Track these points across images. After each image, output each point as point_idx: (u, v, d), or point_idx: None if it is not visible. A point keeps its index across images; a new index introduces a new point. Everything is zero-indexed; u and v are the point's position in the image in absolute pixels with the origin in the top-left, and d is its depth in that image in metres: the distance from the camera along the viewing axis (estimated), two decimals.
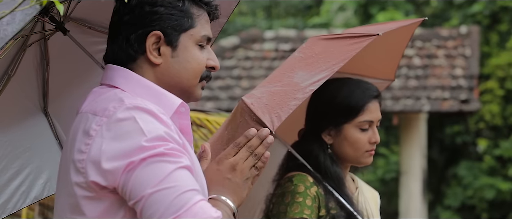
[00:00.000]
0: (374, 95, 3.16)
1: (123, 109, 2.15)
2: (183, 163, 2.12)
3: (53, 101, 3.01)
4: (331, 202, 3.06)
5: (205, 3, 2.35)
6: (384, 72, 3.51)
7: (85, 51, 2.87)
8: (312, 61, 2.99)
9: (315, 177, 3.08)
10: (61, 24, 2.72)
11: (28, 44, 2.78)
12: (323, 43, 3.08)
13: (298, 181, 3.05)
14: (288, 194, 3.04)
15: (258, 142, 2.29)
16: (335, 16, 15.57)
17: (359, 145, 3.13)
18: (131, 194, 2.10)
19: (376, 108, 3.16)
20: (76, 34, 2.84)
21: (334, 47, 3.03)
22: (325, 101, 3.17)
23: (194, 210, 2.06)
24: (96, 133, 2.14)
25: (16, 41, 2.42)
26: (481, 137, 14.32)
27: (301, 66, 2.99)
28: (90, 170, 2.13)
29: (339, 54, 2.98)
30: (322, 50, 3.03)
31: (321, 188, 3.07)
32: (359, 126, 3.13)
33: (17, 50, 2.76)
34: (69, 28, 2.76)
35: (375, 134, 3.16)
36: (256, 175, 2.32)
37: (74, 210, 2.19)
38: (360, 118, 3.13)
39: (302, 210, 3.00)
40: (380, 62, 3.47)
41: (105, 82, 2.31)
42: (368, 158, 3.16)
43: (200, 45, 2.32)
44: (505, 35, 14.33)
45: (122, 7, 2.30)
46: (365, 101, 3.13)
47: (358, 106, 3.12)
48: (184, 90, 2.31)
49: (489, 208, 13.92)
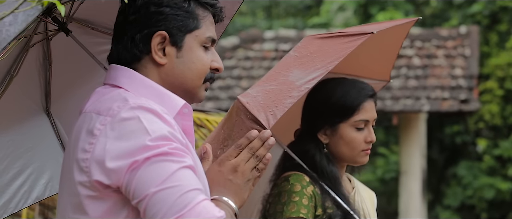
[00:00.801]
0: (369, 94, 3.17)
1: (127, 109, 2.15)
2: (187, 163, 2.13)
3: (55, 102, 3.01)
4: (327, 202, 3.07)
5: (210, 5, 2.35)
6: (380, 73, 3.52)
7: (87, 51, 2.87)
8: (307, 60, 3.00)
9: (312, 177, 3.09)
10: (64, 25, 2.73)
11: (31, 44, 2.79)
12: (318, 42, 3.08)
13: (294, 181, 3.06)
14: (284, 193, 3.05)
15: (260, 144, 2.31)
16: (335, 16, 15.58)
17: (355, 144, 3.14)
18: (134, 193, 2.10)
19: (371, 108, 3.17)
20: (79, 35, 2.84)
21: (329, 45, 3.04)
22: (320, 100, 3.18)
23: (198, 210, 2.07)
24: (100, 132, 2.15)
25: (19, 42, 2.42)
26: (481, 137, 14.33)
27: (297, 65, 3.00)
28: (94, 169, 2.14)
29: (334, 53, 2.99)
30: (317, 49, 3.04)
31: (317, 188, 3.08)
32: (354, 125, 3.14)
33: (19, 51, 2.76)
34: (72, 28, 2.76)
35: (370, 133, 3.16)
36: (257, 176, 2.33)
37: (77, 210, 2.19)
38: (355, 118, 3.14)
39: (298, 210, 3.01)
40: (375, 63, 3.48)
41: (108, 82, 2.31)
42: (364, 157, 3.17)
43: (205, 46, 2.33)
44: (505, 35, 14.34)
45: (128, 7, 2.31)
46: (360, 100, 3.14)
47: (354, 105, 3.13)
48: (188, 91, 2.32)
49: (489, 208, 13.93)
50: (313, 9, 18.05)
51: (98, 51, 2.88)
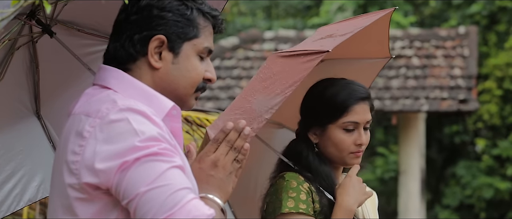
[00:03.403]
0: (361, 96, 3.14)
1: (116, 111, 2.16)
2: (176, 163, 2.14)
3: (45, 104, 3.01)
4: (323, 199, 3.08)
5: (212, 16, 2.37)
6: (379, 51, 3.50)
7: (72, 53, 2.87)
8: (270, 83, 3.01)
9: (306, 176, 3.10)
10: (48, 27, 2.72)
11: (16, 47, 2.79)
12: (281, 61, 3.07)
13: (290, 178, 3.08)
14: (281, 190, 3.06)
15: (236, 136, 2.32)
16: (335, 17, 15.52)
17: (343, 146, 3.13)
18: (124, 193, 2.11)
19: (363, 110, 3.14)
20: (64, 37, 2.84)
21: (289, 65, 3.03)
22: (312, 100, 3.19)
23: (188, 208, 2.08)
24: (90, 134, 2.16)
25: (3, 45, 2.42)
26: (480, 136, 14.32)
27: (260, 89, 3.01)
28: (83, 171, 2.15)
29: (293, 75, 2.98)
30: (279, 69, 3.03)
31: (313, 186, 3.09)
32: (342, 126, 3.12)
33: (5, 54, 2.76)
34: (58, 30, 2.76)
35: (361, 135, 3.13)
36: (239, 168, 2.34)
37: (67, 211, 2.20)
38: (344, 119, 3.12)
39: (297, 205, 3.02)
40: (372, 45, 3.46)
41: (97, 83, 2.32)
42: (353, 160, 3.15)
43: (201, 56, 2.35)
44: (503, 35, 14.34)
45: (130, 6, 2.32)
46: (350, 102, 3.12)
47: (342, 107, 3.11)
48: (178, 98, 2.33)
49: (488, 208, 13.92)
50: (312, 9, 18.03)
51: (85, 53, 2.89)
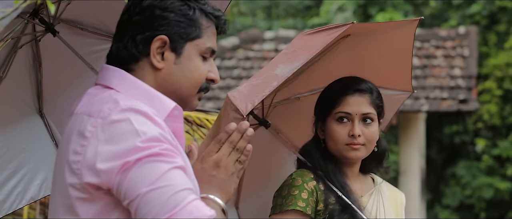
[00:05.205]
0: (355, 88, 3.20)
1: (118, 111, 2.16)
2: (178, 163, 2.14)
3: (48, 102, 3.03)
4: (331, 198, 3.12)
5: (215, 16, 2.37)
6: (400, 83, 3.55)
7: (75, 52, 2.87)
8: (293, 55, 3.11)
9: (316, 174, 3.14)
10: (51, 26, 2.73)
11: (19, 46, 2.79)
12: (306, 38, 3.20)
13: (297, 175, 3.13)
14: (285, 187, 3.12)
15: (239, 136, 2.32)
16: (335, 17, 15.53)
17: (337, 136, 3.17)
18: (126, 194, 2.11)
19: (357, 102, 3.19)
20: (67, 35, 2.84)
21: (312, 40, 3.14)
22: (319, 97, 3.29)
23: (189, 209, 2.08)
24: (92, 134, 2.16)
25: (6, 43, 2.42)
26: (480, 136, 14.32)
27: (284, 60, 3.11)
28: (85, 171, 2.15)
29: (314, 46, 3.09)
30: (303, 44, 3.15)
31: (321, 184, 3.12)
32: (335, 117, 3.18)
33: (8, 52, 2.77)
34: (61, 29, 2.77)
35: (354, 127, 3.16)
36: (241, 168, 2.34)
37: (68, 211, 2.21)
38: (336, 110, 3.18)
39: (296, 202, 3.07)
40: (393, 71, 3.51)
41: (100, 82, 2.32)
42: (349, 152, 3.17)
43: (204, 56, 2.35)
44: (503, 35, 14.34)
45: (133, 7, 2.32)
46: (342, 93, 3.19)
47: (334, 98, 3.19)
48: (181, 98, 2.33)
49: (488, 207, 13.93)
50: (312, 9, 18.04)
51: (88, 52, 2.89)
